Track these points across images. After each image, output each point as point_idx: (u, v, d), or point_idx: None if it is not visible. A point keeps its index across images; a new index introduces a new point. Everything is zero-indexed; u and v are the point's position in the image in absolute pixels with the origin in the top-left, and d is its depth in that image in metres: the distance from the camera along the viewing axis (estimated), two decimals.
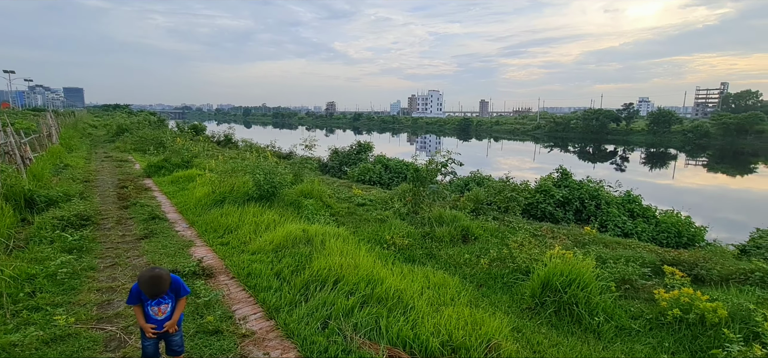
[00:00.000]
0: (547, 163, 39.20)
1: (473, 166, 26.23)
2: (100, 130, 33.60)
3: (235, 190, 8.56)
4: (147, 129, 27.20)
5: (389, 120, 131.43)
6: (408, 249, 6.14)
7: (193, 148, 14.45)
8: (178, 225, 7.10)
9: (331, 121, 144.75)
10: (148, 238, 6.23)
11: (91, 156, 17.40)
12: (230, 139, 28.95)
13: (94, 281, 4.57)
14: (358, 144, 17.77)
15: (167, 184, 10.73)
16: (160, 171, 12.33)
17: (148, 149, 17.14)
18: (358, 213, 8.62)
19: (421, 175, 7.72)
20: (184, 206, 8.29)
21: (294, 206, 8.18)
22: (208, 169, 11.00)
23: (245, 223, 6.74)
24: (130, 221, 7.19)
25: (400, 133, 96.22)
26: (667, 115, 71.27)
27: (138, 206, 8.14)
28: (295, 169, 11.10)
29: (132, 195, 9.04)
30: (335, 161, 17.16)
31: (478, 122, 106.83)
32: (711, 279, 5.13)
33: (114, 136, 26.00)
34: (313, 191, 9.08)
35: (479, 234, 7.01)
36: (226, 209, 7.51)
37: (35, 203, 7.39)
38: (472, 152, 50.64)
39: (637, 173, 33.98)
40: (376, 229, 7.02)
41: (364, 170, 14.52)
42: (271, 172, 8.16)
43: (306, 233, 6.02)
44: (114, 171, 13.13)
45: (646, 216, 9.43)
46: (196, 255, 5.52)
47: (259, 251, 5.51)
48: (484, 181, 11.99)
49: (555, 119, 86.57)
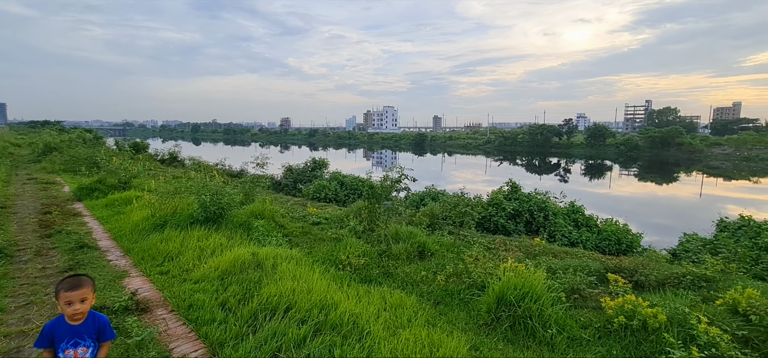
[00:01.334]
0: (498, 175, 40.87)
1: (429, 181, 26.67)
2: (24, 150, 30.37)
3: (178, 212, 7.96)
4: (80, 147, 24.98)
5: (345, 136, 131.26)
6: (364, 269, 5.97)
7: (132, 167, 13.38)
8: (111, 254, 6.44)
9: (285, 137, 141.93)
10: (74, 270, 5.56)
11: (11, 179, 15.58)
12: (176, 157, 27.40)
13: (1, 324, 3.96)
14: (313, 161, 17.43)
15: (101, 208, 9.80)
16: (92, 194, 11.25)
17: (79, 170, 15.67)
18: (312, 233, 8.33)
19: (377, 192, 7.63)
20: (119, 232, 7.56)
21: (244, 227, 7.75)
22: (148, 190, 10.19)
23: (188, 248, 6.25)
24: (53, 251, 6.41)
25: (357, 148, 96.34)
26: (601, 129, 77.34)
27: (63, 233, 7.31)
28: (245, 189, 10.61)
29: (57, 221, 8.13)
30: (289, 179, 16.67)
31: (433, 137, 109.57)
32: (649, 284, 5.44)
33: (40, 155, 23.56)
34: (265, 211, 8.68)
35: (435, 250, 7.01)
36: (167, 234, 6.94)
37: None
38: (428, 167, 51.72)
39: (579, 184, 36.32)
40: (331, 248, 6.79)
41: (319, 187, 14.21)
42: (219, 193, 7.69)
43: (256, 256, 5.69)
44: (37, 195, 11.81)
45: (589, 225, 9.97)
46: (130, 287, 5.00)
47: (203, 279, 5.09)
48: (439, 196, 12.15)
49: (503, 134, 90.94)
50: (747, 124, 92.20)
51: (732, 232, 8.57)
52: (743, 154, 59.56)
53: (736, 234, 8.40)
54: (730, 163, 56.13)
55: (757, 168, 50.40)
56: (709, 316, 4.10)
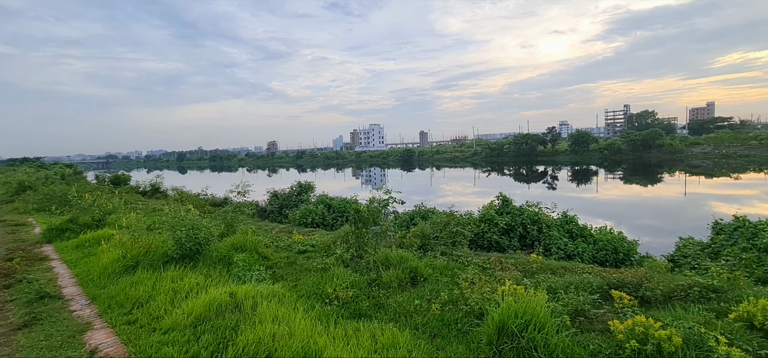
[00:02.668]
0: (487, 186, 40.89)
1: (419, 196, 26.40)
2: (0, 189, 29.20)
3: (151, 251, 7.43)
4: (56, 185, 24.05)
5: (333, 156, 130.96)
6: (353, 302, 5.55)
7: (107, 203, 12.75)
8: (75, 302, 5.88)
9: (273, 161, 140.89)
10: (30, 326, 5.01)
11: None
12: (158, 188, 26.63)
13: None
14: (299, 185, 16.98)
15: (71, 250, 9.18)
16: (63, 234, 10.61)
17: (51, 209, 14.92)
18: (298, 263, 7.87)
19: (363, 216, 7.25)
20: (87, 277, 7.00)
21: (224, 262, 7.25)
22: (122, 227, 9.61)
23: (160, 292, 5.74)
24: (10, 304, 5.83)
25: (345, 168, 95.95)
26: (584, 136, 78.69)
27: (24, 282, 6.71)
28: (227, 219, 10.12)
29: (18, 269, 7.51)
30: (275, 205, 16.16)
31: (420, 152, 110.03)
32: (656, 299, 5.14)
33: (13, 195, 22.58)
34: (247, 242, 8.21)
35: (428, 274, 6.62)
36: (138, 276, 6.41)
37: None
38: (417, 182, 51.56)
39: (567, 190, 36.48)
40: (317, 280, 6.35)
41: (305, 212, 13.75)
42: (195, 227, 7.20)
43: (234, 297, 5.22)
44: (4, 239, 11.09)
45: (585, 235, 9.73)
46: (92, 342, 4.49)
47: (174, 328, 4.60)
48: (429, 214, 11.82)
49: (490, 145, 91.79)
50: (722, 123, 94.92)
51: (728, 234, 8.40)
52: (722, 152, 61.07)
53: (732, 236, 8.22)
54: (710, 161, 57.39)
55: (736, 165, 51.59)
56: (727, 334, 3.80)
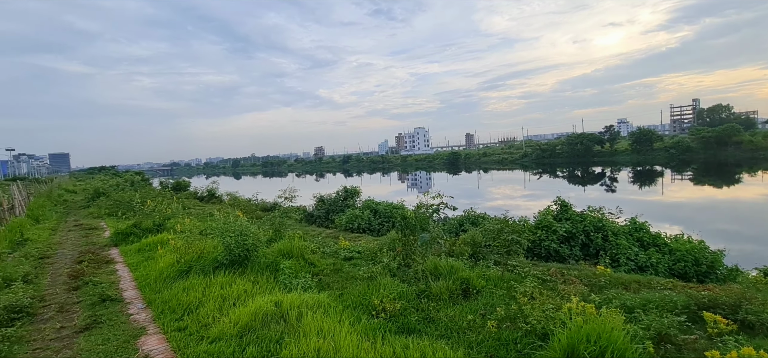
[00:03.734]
0: (539, 189, 38.86)
1: (466, 199, 25.58)
2: (79, 196, 32.30)
3: (203, 256, 7.61)
4: (125, 191, 26.11)
5: (378, 160, 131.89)
6: (401, 315, 5.22)
7: (166, 209, 13.46)
8: (133, 306, 6.09)
9: (320, 166, 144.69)
10: (91, 329, 5.21)
11: (60, 226, 16.23)
12: (214, 193, 28.03)
13: None
14: (344, 189, 16.99)
15: (133, 253, 9.71)
16: (127, 238, 11.30)
17: (118, 214, 16.08)
18: (344, 270, 7.70)
19: (410, 222, 6.91)
20: (146, 280, 7.28)
21: (271, 269, 7.24)
22: (177, 232, 10.02)
23: (210, 298, 5.78)
24: (76, 306, 6.15)
25: (391, 171, 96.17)
26: (647, 133, 72.71)
27: (90, 285, 7.11)
28: (275, 224, 10.22)
29: (87, 271, 8.00)
30: (322, 210, 16.28)
31: (466, 155, 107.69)
32: (762, 325, 4.31)
33: (90, 200, 24.81)
34: (294, 248, 8.18)
35: (481, 286, 6.14)
36: (190, 282, 6.54)
37: None
38: (464, 185, 50.30)
39: (628, 192, 33.72)
40: (363, 290, 6.10)
41: (351, 217, 13.66)
42: (243, 234, 7.26)
43: (279, 306, 5.10)
44: (78, 242, 12.04)
45: (658, 244, 8.68)
46: (145, 349, 4.54)
47: (221, 338, 4.54)
48: (479, 219, 11.22)
49: (540, 146, 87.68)
50: None
51: None
52: None
53: None
54: None
55: None
56: None
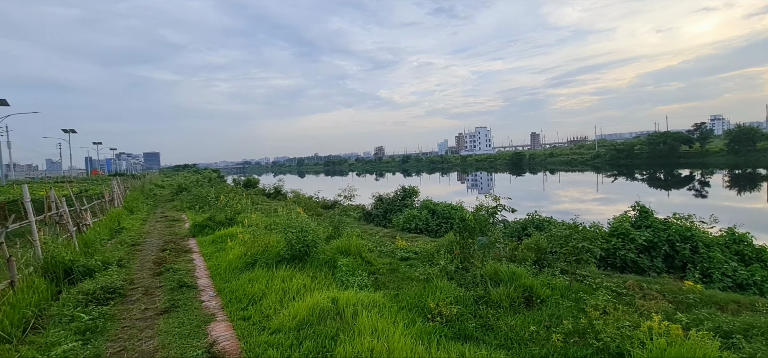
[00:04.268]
0: (614, 193, 35.66)
1: (530, 203, 24.23)
2: (166, 190, 36.01)
3: (268, 250, 8.02)
4: (204, 187, 28.56)
5: (438, 160, 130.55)
6: (457, 320, 5.03)
7: (237, 204, 14.46)
8: (205, 294, 6.58)
9: (380, 166, 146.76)
10: (169, 312, 5.71)
11: (149, 217, 18.19)
12: (280, 190, 29.58)
13: None
14: (403, 189, 16.97)
15: (208, 244, 10.53)
16: (203, 230, 12.29)
17: (196, 208, 17.60)
18: (400, 270, 7.66)
19: (469, 224, 6.66)
20: (217, 270, 7.84)
21: (329, 265, 7.42)
22: (245, 226, 10.69)
23: (272, 290, 6.05)
24: (158, 290, 6.80)
25: (450, 172, 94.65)
26: (748, 131, 63.43)
27: (170, 271, 7.83)
28: (334, 222, 10.48)
29: (169, 259, 8.83)
30: (380, 209, 16.43)
31: (531, 155, 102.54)
32: None
33: (174, 195, 27.52)
34: (351, 246, 8.30)
35: (546, 295, 5.73)
36: (255, 273, 6.92)
37: (73, 273, 7.29)
38: (528, 187, 47.86)
39: (723, 199, 29.67)
40: (419, 292, 6.00)
41: (409, 217, 13.59)
42: (304, 230, 7.53)
43: (336, 303, 5.18)
44: (164, 232, 13.36)
45: (763, 259, 7.47)
46: (213, 334, 4.86)
47: (280, 330, 4.72)
48: (544, 223, 10.54)
49: (616, 146, 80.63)
50: None
51: None
52: None
53: None
54: None
55: None
56: None
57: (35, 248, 7.33)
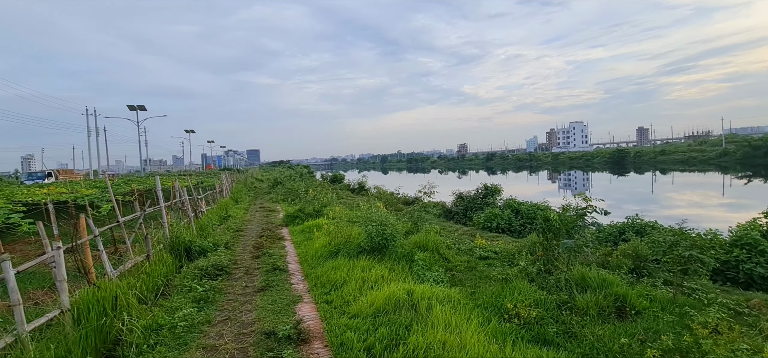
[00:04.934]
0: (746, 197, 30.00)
1: (633, 206, 21.70)
2: (264, 184, 39.92)
3: (349, 241, 8.50)
4: (296, 181, 31.05)
5: (525, 158, 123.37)
6: (536, 324, 4.82)
7: (323, 197, 15.48)
8: (295, 277, 7.24)
9: (463, 163, 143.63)
10: (265, 291, 6.42)
11: (250, 207, 20.40)
12: (363, 186, 30.81)
13: (204, 336, 4.73)
14: (485, 187, 16.48)
15: (298, 233, 11.50)
16: (294, 220, 13.43)
17: (289, 200, 19.21)
18: (478, 269, 7.54)
19: (554, 225, 6.28)
20: (305, 257, 8.55)
21: (406, 258, 7.62)
22: (330, 218, 11.42)
23: (352, 279, 6.43)
24: (256, 271, 7.67)
25: (539, 170, 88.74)
26: None
27: (266, 255, 8.75)
28: (413, 217, 10.66)
29: (265, 244, 9.86)
30: (460, 206, 16.19)
31: (637, 153, 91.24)
32: None
33: (271, 188, 30.39)
34: (429, 242, 8.40)
35: (643, 307, 5.17)
36: (338, 262, 7.39)
37: (191, 252, 8.58)
38: (632, 188, 42.75)
39: None
40: (497, 292, 5.86)
41: (490, 216, 13.19)
42: (383, 224, 7.83)
43: (411, 295, 5.33)
44: (262, 220, 14.90)
45: None
46: (300, 314, 5.36)
47: (358, 315, 5.02)
48: (647, 228, 9.41)
49: (750, 141, 67.62)
50: None
51: None
52: None
53: None
54: None
55: None
56: None
57: (164, 229, 8.78)
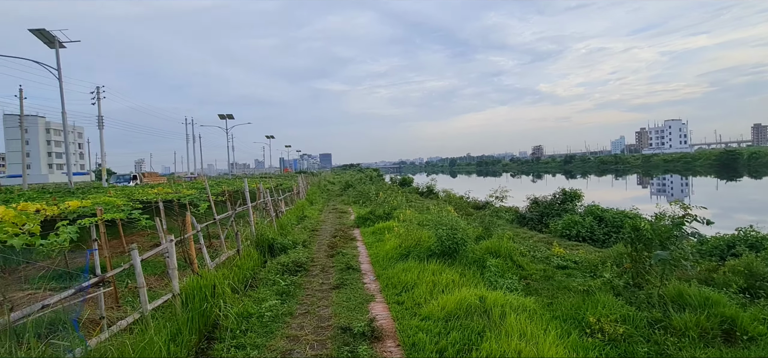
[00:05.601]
0: None
1: (747, 215, 18.77)
2: (336, 186, 41.68)
3: (419, 244, 8.57)
4: (366, 184, 31.94)
5: (610, 160, 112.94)
6: (624, 341, 4.46)
7: (393, 200, 15.75)
8: (367, 277, 7.51)
9: (537, 166, 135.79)
10: (339, 288, 6.76)
11: (324, 208, 21.46)
12: (432, 189, 30.67)
13: (287, 326, 5.14)
14: (563, 191, 15.47)
15: (369, 234, 11.86)
16: (365, 222, 13.85)
17: (360, 202, 19.83)
18: (556, 278, 7.16)
19: (644, 234, 5.73)
20: (376, 258, 8.81)
21: (477, 264, 7.49)
22: (400, 220, 11.60)
23: (423, 281, 6.49)
24: (332, 269, 8.09)
25: (627, 174, 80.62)
26: None
27: (340, 255, 9.17)
28: (484, 223, 10.42)
29: (339, 244, 10.34)
30: (535, 212, 15.39)
31: (752, 154, 78.65)
32: None
33: (342, 190, 31.63)
34: (502, 248, 8.16)
35: (758, 333, 4.51)
36: (408, 264, 7.51)
37: (274, 249, 9.32)
38: (745, 195, 36.92)
39: None
40: (577, 303, 5.52)
41: (569, 223, 12.35)
42: (454, 228, 7.78)
43: (483, 301, 5.25)
44: (335, 221, 15.62)
45: None
46: (373, 313, 5.57)
47: (430, 317, 5.08)
48: (764, 242, 8.13)
49: None
50: None
51: None
52: None
53: None
54: None
55: None
56: None
57: (250, 227, 9.65)
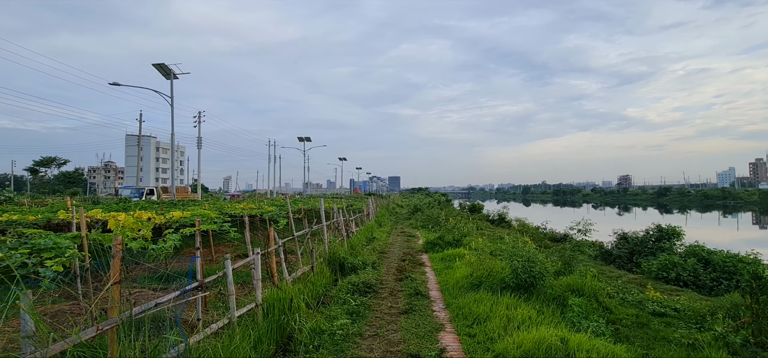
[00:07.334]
0: None
1: None
2: (404, 210, 41.84)
3: (492, 274, 8.19)
4: (435, 209, 31.63)
5: (716, 194, 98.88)
6: None
7: (463, 227, 15.34)
8: (436, 305, 7.33)
9: (625, 198, 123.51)
10: (408, 314, 6.68)
11: (392, 230, 21.61)
12: (504, 217, 29.38)
13: (357, 347, 5.19)
14: (658, 228, 13.78)
15: (438, 260, 11.64)
16: (434, 248, 13.64)
17: (429, 227, 19.62)
18: (652, 326, 6.35)
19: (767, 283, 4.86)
20: (445, 285, 8.58)
21: (558, 302, 6.93)
22: (471, 248, 11.22)
23: (496, 315, 6.16)
24: (400, 293, 8.04)
25: (738, 211, 69.70)
26: None
27: (409, 279, 9.10)
28: (565, 257, 9.66)
29: (407, 268, 10.29)
30: (623, 249, 13.87)
31: None
32: None
33: (411, 214, 31.63)
34: (585, 286, 7.46)
35: None
36: (480, 295, 7.20)
37: (344, 268, 9.57)
38: None
39: None
40: None
41: (666, 264, 10.92)
42: (531, 260, 7.32)
43: (565, 343, 4.82)
44: (403, 245, 15.62)
45: None
46: (443, 343, 5.40)
47: (504, 355, 4.78)
48: None
49: None
50: None
51: None
52: None
53: None
54: None
55: None
56: None
57: (324, 245, 10.04)
